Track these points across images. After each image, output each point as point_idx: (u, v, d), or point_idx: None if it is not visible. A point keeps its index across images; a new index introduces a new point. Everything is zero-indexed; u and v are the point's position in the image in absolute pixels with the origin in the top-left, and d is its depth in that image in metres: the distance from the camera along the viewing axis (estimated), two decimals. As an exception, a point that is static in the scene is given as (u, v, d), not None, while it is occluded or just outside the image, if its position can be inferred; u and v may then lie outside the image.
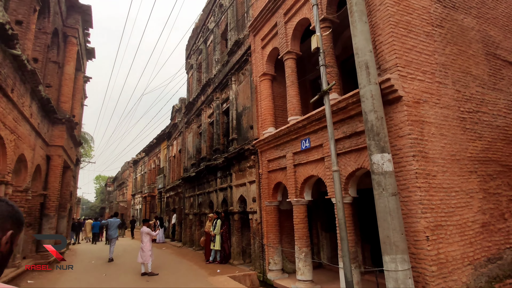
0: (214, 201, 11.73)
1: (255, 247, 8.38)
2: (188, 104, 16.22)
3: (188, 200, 15.44)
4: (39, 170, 9.38)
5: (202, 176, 12.81)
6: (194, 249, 13.47)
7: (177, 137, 19.27)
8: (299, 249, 6.48)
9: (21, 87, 6.72)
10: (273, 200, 7.80)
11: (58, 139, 10.19)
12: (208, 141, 13.34)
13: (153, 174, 29.45)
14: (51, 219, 9.73)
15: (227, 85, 11.37)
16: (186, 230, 15.32)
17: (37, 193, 9.44)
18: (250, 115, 9.26)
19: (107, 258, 11.49)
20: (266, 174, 7.97)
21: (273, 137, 7.47)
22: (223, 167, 10.74)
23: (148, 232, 9.09)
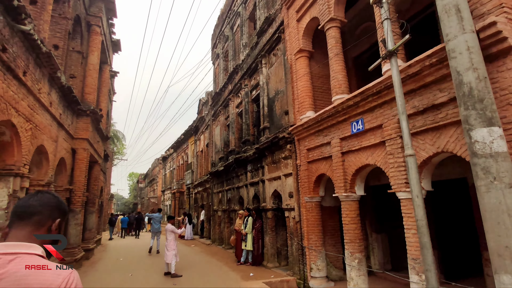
0: (244, 197, 10.82)
1: (293, 249, 7.32)
2: (215, 95, 15.44)
3: (216, 196, 14.71)
4: (64, 163, 8.99)
5: (231, 170, 11.96)
6: (223, 248, 12.69)
7: (204, 131, 18.65)
8: (351, 254, 5.32)
9: (36, 71, 6.18)
10: (314, 195, 6.68)
11: (82, 131, 9.78)
12: (237, 133, 12.44)
13: (181, 170, 29.37)
14: (77, 215, 9.35)
15: (256, 69, 10.35)
16: (215, 227, 14.62)
17: (62, 187, 9.07)
18: (284, 100, 8.17)
19: (135, 254, 11.07)
20: (306, 165, 6.86)
21: (314, 122, 6.33)
22: (254, 159, 9.77)
23: (172, 230, 8.38)
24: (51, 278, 1.01)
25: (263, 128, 9.25)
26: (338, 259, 6.86)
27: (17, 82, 5.40)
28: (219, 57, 15.67)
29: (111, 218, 20.39)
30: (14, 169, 5.64)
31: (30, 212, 1.14)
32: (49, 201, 1.20)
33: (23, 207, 1.15)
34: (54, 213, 1.19)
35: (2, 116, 4.91)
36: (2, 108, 4.89)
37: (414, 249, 4.08)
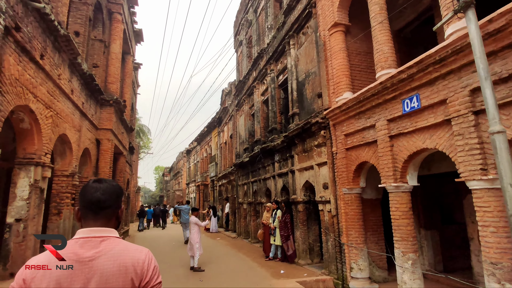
0: (271, 189, 10.23)
1: (329, 245, 6.64)
2: (238, 84, 14.86)
3: (241, 188, 14.25)
4: (88, 154, 8.84)
5: (257, 161, 11.39)
6: (250, 242, 12.24)
7: (227, 122, 18.21)
8: (403, 254, 4.56)
9: (55, 55, 5.88)
10: (353, 186, 5.93)
11: (106, 122, 9.60)
12: (262, 122, 11.81)
13: (205, 163, 29.33)
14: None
15: (283, 52, 9.60)
16: (240, 220, 14.21)
17: (88, 178, 8.93)
18: (317, 82, 7.40)
19: (162, 246, 10.91)
20: (343, 152, 6.10)
21: (354, 102, 5.55)
22: (282, 148, 9.11)
23: (196, 222, 7.98)
24: (138, 255, 1.20)
25: (292, 115, 8.54)
26: (381, 258, 6.10)
27: (34, 65, 5.09)
28: (242, 44, 15.03)
29: (141, 210, 20.53)
30: (35, 158, 5.40)
31: (101, 207, 1.24)
32: (112, 192, 1.29)
33: (94, 203, 1.23)
34: (119, 202, 1.31)
35: (18, 100, 4.61)
36: (18, 92, 4.59)
37: (493, 252, 3.27)
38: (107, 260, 1.14)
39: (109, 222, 1.27)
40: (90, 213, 1.24)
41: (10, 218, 5.04)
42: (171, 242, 13.52)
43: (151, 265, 1.22)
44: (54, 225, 6.79)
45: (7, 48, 4.24)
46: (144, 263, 1.20)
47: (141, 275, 1.18)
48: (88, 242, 1.17)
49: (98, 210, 1.24)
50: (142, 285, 1.18)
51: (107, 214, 1.26)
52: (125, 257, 1.17)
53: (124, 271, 1.15)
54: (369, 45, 6.99)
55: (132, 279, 1.15)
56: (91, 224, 1.22)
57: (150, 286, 1.20)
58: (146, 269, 1.20)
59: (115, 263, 1.15)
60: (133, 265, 1.17)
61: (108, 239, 1.20)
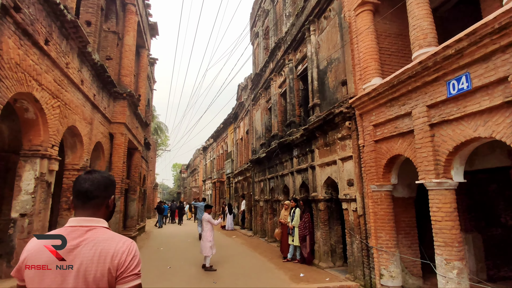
0: (289, 186, 9.66)
1: (354, 248, 6.02)
2: (254, 77, 14.34)
3: (257, 185, 13.77)
4: (101, 148, 8.63)
5: (274, 156, 10.85)
6: (266, 241, 11.74)
7: (243, 117, 17.76)
8: (446, 262, 3.90)
9: (62, 42, 5.59)
10: (384, 182, 5.27)
11: (119, 115, 9.37)
12: (280, 115, 11.24)
13: (221, 160, 29.11)
14: (116, 202, 8.99)
15: (303, 40, 8.98)
16: (256, 218, 13.73)
17: (101, 173, 8.73)
18: (340, 68, 6.76)
19: (177, 243, 10.65)
20: (372, 145, 5.45)
21: (386, 87, 4.89)
22: (301, 142, 8.52)
23: (208, 220, 7.58)
24: (119, 245, 1.21)
25: (313, 106, 7.93)
26: (415, 264, 5.42)
27: (38, 51, 4.79)
28: (258, 36, 14.49)
29: (159, 206, 20.37)
30: (41, 149, 5.12)
31: (89, 197, 1.28)
32: (100, 183, 1.31)
33: (82, 193, 1.28)
34: (107, 192, 1.33)
35: (19, 87, 4.31)
36: (19, 78, 4.28)
37: None
38: (89, 249, 1.17)
39: (97, 211, 1.29)
40: (79, 203, 1.28)
41: (14, 213, 4.78)
42: (187, 239, 13.27)
43: (129, 255, 1.21)
44: (64, 220, 6.56)
45: (5, 29, 3.93)
46: (123, 254, 1.20)
47: (117, 265, 1.18)
48: (75, 230, 1.21)
49: (86, 200, 1.28)
50: (117, 274, 1.19)
51: (95, 204, 1.29)
52: (107, 247, 1.19)
53: (103, 260, 1.17)
54: (400, 26, 6.28)
55: (109, 269, 1.17)
56: (81, 214, 1.26)
57: (124, 276, 1.19)
58: (124, 259, 1.20)
59: (96, 252, 1.17)
60: (112, 255, 1.18)
61: (95, 229, 1.23)
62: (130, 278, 1.20)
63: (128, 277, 1.19)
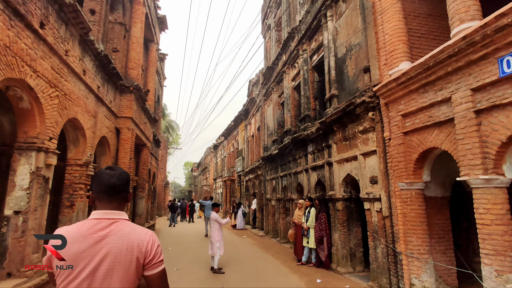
0: (303, 184, 9.08)
1: (377, 253, 5.41)
2: (266, 71, 13.78)
3: (269, 183, 13.23)
4: (107, 143, 8.29)
5: (287, 153, 10.28)
6: (279, 241, 11.20)
7: (255, 114, 17.24)
8: (498, 274, 3.27)
9: (60, 28, 5.21)
10: (414, 180, 4.65)
11: (126, 109, 9.01)
12: (293, 110, 10.66)
13: (232, 158, 28.72)
14: (122, 199, 8.65)
15: (318, 27, 8.38)
16: (268, 218, 13.21)
17: (107, 169, 8.40)
18: (362, 55, 6.13)
19: (186, 243, 10.25)
20: (400, 137, 4.83)
21: (419, 70, 4.26)
22: (317, 137, 7.93)
23: (216, 219, 7.11)
24: (143, 236, 1.33)
25: (330, 98, 7.32)
26: (450, 273, 4.77)
27: (32, 34, 4.41)
28: (270, 28, 13.92)
29: (172, 204, 19.58)
30: (37, 142, 4.75)
31: (117, 191, 1.37)
32: (125, 178, 1.42)
33: (111, 187, 1.36)
34: (128, 186, 1.44)
35: (10, 72, 3.91)
36: (9, 62, 3.89)
37: None
38: (116, 239, 1.27)
39: (120, 204, 1.39)
40: (106, 197, 1.36)
41: (8, 210, 4.42)
42: (196, 238, 12.88)
43: (154, 245, 1.34)
44: (66, 218, 6.22)
45: (-9, 6, 3.54)
46: (148, 243, 1.32)
47: (145, 253, 1.30)
48: (100, 222, 1.30)
49: (114, 194, 1.36)
50: (145, 262, 1.31)
51: (120, 197, 1.39)
52: (132, 237, 1.30)
53: (131, 249, 1.27)
54: (429, 6, 5.62)
55: (138, 257, 1.28)
56: (106, 207, 1.35)
57: (153, 263, 1.32)
58: (150, 248, 1.32)
59: (123, 242, 1.27)
60: (138, 245, 1.29)
61: (118, 221, 1.32)
62: (158, 264, 1.34)
63: (156, 263, 1.33)
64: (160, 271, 1.34)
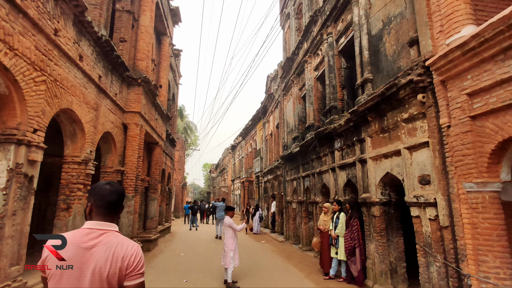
0: (329, 185, 7.98)
1: (432, 273, 4.25)
2: (286, 63, 12.75)
3: (289, 185, 12.18)
4: (112, 140, 7.61)
5: (310, 150, 9.22)
6: (301, 248, 10.12)
7: (273, 111, 16.25)
8: None
9: (48, 2, 4.50)
10: (489, 179, 3.47)
11: (134, 103, 8.32)
12: (316, 103, 9.59)
13: (250, 158, 27.86)
14: (129, 201, 7.93)
15: (346, 5, 7.29)
16: (288, 222, 12.15)
17: (113, 168, 7.72)
18: (406, 25, 5.00)
19: (199, 248, 9.43)
20: (467, 123, 3.68)
21: (496, 31, 3.12)
22: (346, 131, 6.82)
23: (230, 225, 6.19)
24: (128, 249, 1.41)
25: (363, 83, 6.21)
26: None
27: (7, 3, 3.67)
28: (289, 17, 12.91)
29: (192, 207, 18.31)
30: (17, 134, 4.02)
31: (115, 206, 1.50)
32: (122, 195, 1.54)
33: (111, 203, 1.47)
34: (122, 202, 1.55)
35: (-29, 45, 3.19)
36: (-30, 32, 3.16)
37: None
38: (104, 250, 1.36)
39: (114, 218, 1.50)
40: (104, 211, 1.45)
41: (-21, 214, 3.71)
42: (211, 243, 12.04)
43: (136, 258, 1.41)
44: (61, 222, 5.52)
45: None
46: (132, 256, 1.40)
47: (127, 265, 1.38)
48: (91, 233, 1.40)
49: (112, 209, 1.48)
50: (126, 272, 1.39)
51: (116, 211, 1.51)
52: (118, 249, 1.39)
53: (115, 260, 1.36)
54: (496, -41, 4.41)
55: (120, 268, 1.37)
56: (100, 219, 1.44)
57: (132, 274, 1.39)
58: (132, 261, 1.40)
59: (110, 253, 1.37)
60: (123, 257, 1.38)
61: (108, 233, 1.42)
62: (137, 276, 1.41)
63: (135, 275, 1.41)
64: (139, 283, 1.42)
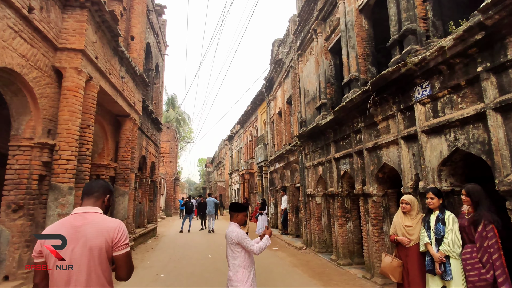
0: (401, 165, 4.81)
1: None
2: (303, 8, 9.39)
3: (311, 172, 9.03)
4: (28, 91, 4.36)
5: (351, 117, 6.08)
6: (334, 261, 7.00)
7: (282, 82, 13.02)
8: None
9: None
10: None
11: (73, 36, 5.04)
12: (360, 46, 6.40)
13: (250, 148, 24.71)
14: (61, 196, 4.65)
15: None
16: (310, 222, 9.04)
17: (33, 141, 4.47)
18: None
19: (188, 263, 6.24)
20: None
21: None
22: (448, 64, 3.64)
23: (239, 241, 3.05)
24: (111, 224, 1.78)
25: None
26: None
27: None
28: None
29: (187, 204, 15.26)
30: None
31: (91, 191, 1.87)
32: (101, 184, 1.93)
33: (89, 188, 1.89)
34: (105, 191, 1.93)
35: None
36: None
37: None
38: (91, 227, 1.72)
39: (97, 201, 1.86)
40: (84, 195, 1.86)
41: None
42: (207, 252, 8.87)
43: (119, 232, 1.76)
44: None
45: None
46: (115, 230, 1.75)
47: (112, 237, 1.73)
48: (80, 215, 1.76)
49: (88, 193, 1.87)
50: (113, 244, 1.73)
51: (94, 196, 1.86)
52: (102, 225, 1.74)
53: (101, 234, 1.71)
54: None
55: (106, 240, 1.72)
56: (84, 204, 1.83)
57: (118, 245, 1.75)
58: (116, 234, 1.74)
59: (96, 229, 1.72)
60: (107, 231, 1.73)
61: (93, 214, 1.78)
62: (123, 246, 1.77)
63: (121, 245, 1.76)
64: (125, 252, 1.78)
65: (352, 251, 7.03)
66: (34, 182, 4.45)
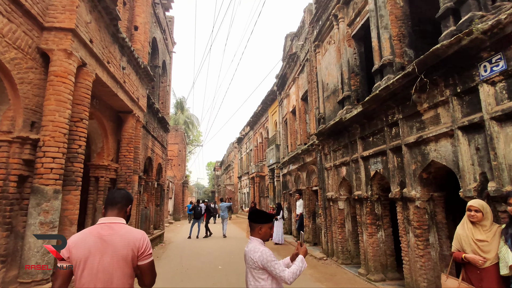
0: (460, 163, 3.89)
1: None
2: (322, -5, 8.60)
3: (332, 174, 8.12)
4: (9, 79, 3.64)
5: (384, 109, 5.18)
6: (362, 275, 6.05)
7: (296, 78, 12.16)
8: None
9: None
10: None
11: (62, 14, 4.33)
12: (395, 26, 5.52)
13: (260, 150, 23.88)
14: (44, 200, 3.89)
15: None
16: (331, 230, 8.11)
17: (12, 134, 3.74)
18: None
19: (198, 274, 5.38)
20: None
21: None
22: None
23: (264, 265, 2.27)
24: (137, 235, 1.85)
25: None
26: None
27: None
28: None
29: (195, 208, 13.88)
30: None
31: (115, 202, 1.92)
32: (123, 195, 1.98)
33: (112, 199, 1.93)
34: (127, 202, 1.97)
35: None
36: None
37: None
38: (117, 237, 1.78)
39: (121, 212, 1.91)
40: (108, 206, 1.91)
41: None
42: (217, 262, 8.03)
43: (144, 243, 1.84)
44: None
45: None
46: (140, 241, 1.82)
47: (138, 247, 1.81)
48: (107, 225, 1.82)
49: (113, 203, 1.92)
50: (138, 254, 1.81)
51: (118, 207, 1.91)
52: (129, 236, 1.81)
53: (128, 244, 1.78)
54: None
55: (133, 250, 1.79)
56: (109, 214, 1.89)
57: (144, 255, 1.83)
58: (141, 244, 1.82)
59: (123, 239, 1.78)
60: (133, 241, 1.80)
61: (119, 224, 1.85)
62: (147, 256, 1.85)
63: (146, 255, 1.84)
64: (149, 262, 1.86)
65: (385, 265, 6.07)
66: (12, 184, 3.71)
